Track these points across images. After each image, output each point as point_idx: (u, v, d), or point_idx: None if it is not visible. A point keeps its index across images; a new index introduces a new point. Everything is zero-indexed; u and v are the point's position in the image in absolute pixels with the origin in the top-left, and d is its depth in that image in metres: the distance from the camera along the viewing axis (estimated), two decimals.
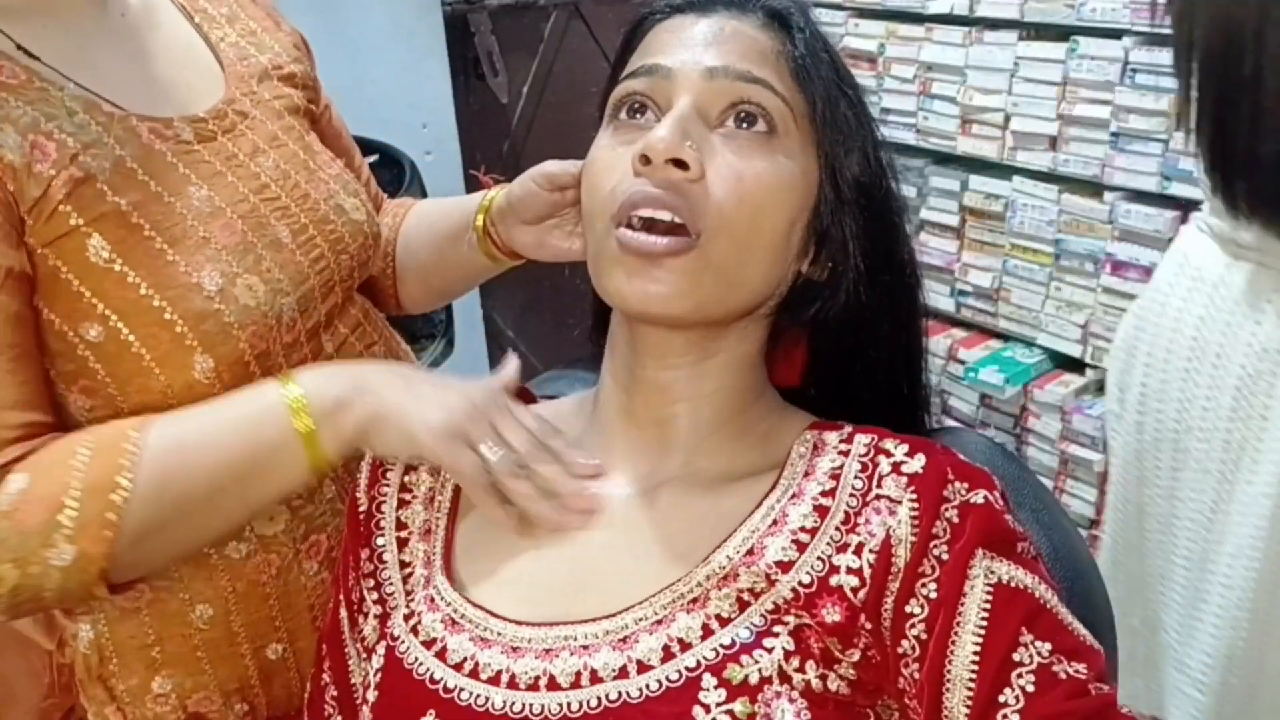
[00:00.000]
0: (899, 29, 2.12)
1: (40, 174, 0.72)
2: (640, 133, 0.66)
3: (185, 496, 0.71)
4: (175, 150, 0.79)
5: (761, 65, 0.66)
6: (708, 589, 0.63)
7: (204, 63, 0.88)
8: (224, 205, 0.80)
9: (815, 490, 0.66)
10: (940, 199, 2.14)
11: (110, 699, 0.84)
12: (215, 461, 0.72)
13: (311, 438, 0.72)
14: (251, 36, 0.93)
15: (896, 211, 0.72)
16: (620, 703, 0.60)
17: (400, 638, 0.68)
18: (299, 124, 0.91)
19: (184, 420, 0.73)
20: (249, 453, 0.72)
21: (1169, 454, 1.08)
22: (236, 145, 0.83)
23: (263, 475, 0.73)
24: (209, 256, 0.77)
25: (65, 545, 0.67)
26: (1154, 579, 1.15)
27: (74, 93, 0.76)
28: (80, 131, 0.74)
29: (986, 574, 0.61)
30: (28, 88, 0.74)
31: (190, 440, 0.72)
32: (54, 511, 0.67)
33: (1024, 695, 0.57)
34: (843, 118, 0.68)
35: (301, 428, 0.71)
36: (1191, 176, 1.72)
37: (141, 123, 0.78)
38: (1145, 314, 1.14)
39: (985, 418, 2.13)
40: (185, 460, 0.71)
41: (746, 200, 0.64)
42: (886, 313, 0.73)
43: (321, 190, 0.87)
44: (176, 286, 0.75)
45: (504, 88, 2.51)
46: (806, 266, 0.70)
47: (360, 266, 0.91)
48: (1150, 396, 1.11)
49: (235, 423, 0.73)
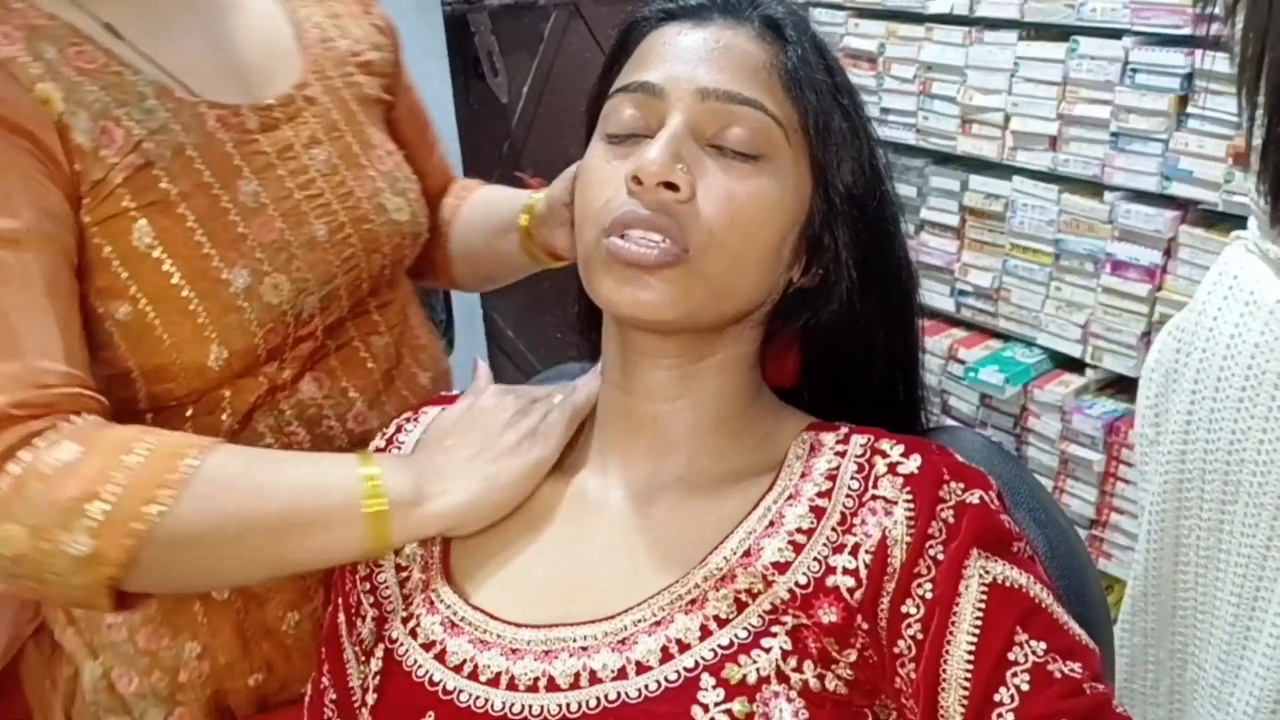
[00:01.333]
0: (899, 29, 2.12)
1: (104, 159, 0.75)
2: (633, 147, 0.66)
3: (221, 534, 0.68)
4: (236, 140, 0.82)
5: (754, 82, 0.66)
6: (705, 590, 0.63)
7: (284, 43, 0.90)
8: (268, 201, 0.82)
9: (812, 491, 0.66)
10: (940, 199, 2.14)
11: (70, 621, 0.87)
12: (265, 509, 0.69)
13: (380, 519, 0.69)
14: (336, 20, 0.95)
15: (891, 218, 0.72)
16: (619, 703, 0.61)
17: (399, 640, 0.68)
18: (365, 114, 0.93)
19: (250, 458, 0.72)
20: (303, 511, 0.70)
21: (1218, 486, 1.04)
22: (296, 134, 0.86)
23: (308, 540, 0.70)
24: (243, 253, 0.79)
25: (85, 537, 0.64)
26: (1189, 612, 1.12)
27: (150, 77, 0.78)
28: (148, 117, 0.77)
29: (981, 574, 0.61)
30: (104, 72, 0.76)
31: (248, 480, 0.70)
32: (88, 497, 0.65)
33: (1019, 694, 0.58)
34: (836, 129, 0.68)
35: (371, 509, 0.69)
36: (1192, 176, 1.72)
37: (210, 110, 0.81)
38: (1189, 337, 1.08)
39: (985, 418, 2.13)
40: (236, 498, 0.69)
41: (737, 219, 0.64)
42: (881, 317, 0.73)
43: (367, 187, 0.89)
44: (207, 280, 0.78)
45: (504, 88, 2.51)
46: (799, 275, 0.70)
47: (394, 264, 0.92)
48: (1197, 425, 1.06)
49: (300, 480, 0.71)
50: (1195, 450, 1.07)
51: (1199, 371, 1.06)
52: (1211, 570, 1.08)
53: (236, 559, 0.71)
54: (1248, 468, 1.01)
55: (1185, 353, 1.08)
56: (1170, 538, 1.12)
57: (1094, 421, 1.91)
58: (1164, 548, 1.14)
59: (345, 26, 0.95)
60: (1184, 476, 1.09)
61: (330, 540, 0.70)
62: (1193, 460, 1.07)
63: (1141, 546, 1.18)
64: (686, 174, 0.64)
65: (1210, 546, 1.07)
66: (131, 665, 0.86)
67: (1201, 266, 1.74)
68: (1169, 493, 1.11)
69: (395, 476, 0.71)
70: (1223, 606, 1.06)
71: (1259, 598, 1.02)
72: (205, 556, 0.69)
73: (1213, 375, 1.04)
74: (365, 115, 0.92)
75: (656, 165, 0.63)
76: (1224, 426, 1.02)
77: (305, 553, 0.71)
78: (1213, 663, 1.09)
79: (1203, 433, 1.05)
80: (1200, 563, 1.09)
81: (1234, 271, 1.04)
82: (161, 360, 0.78)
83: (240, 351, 0.80)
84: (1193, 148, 1.72)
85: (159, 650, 0.86)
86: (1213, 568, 1.07)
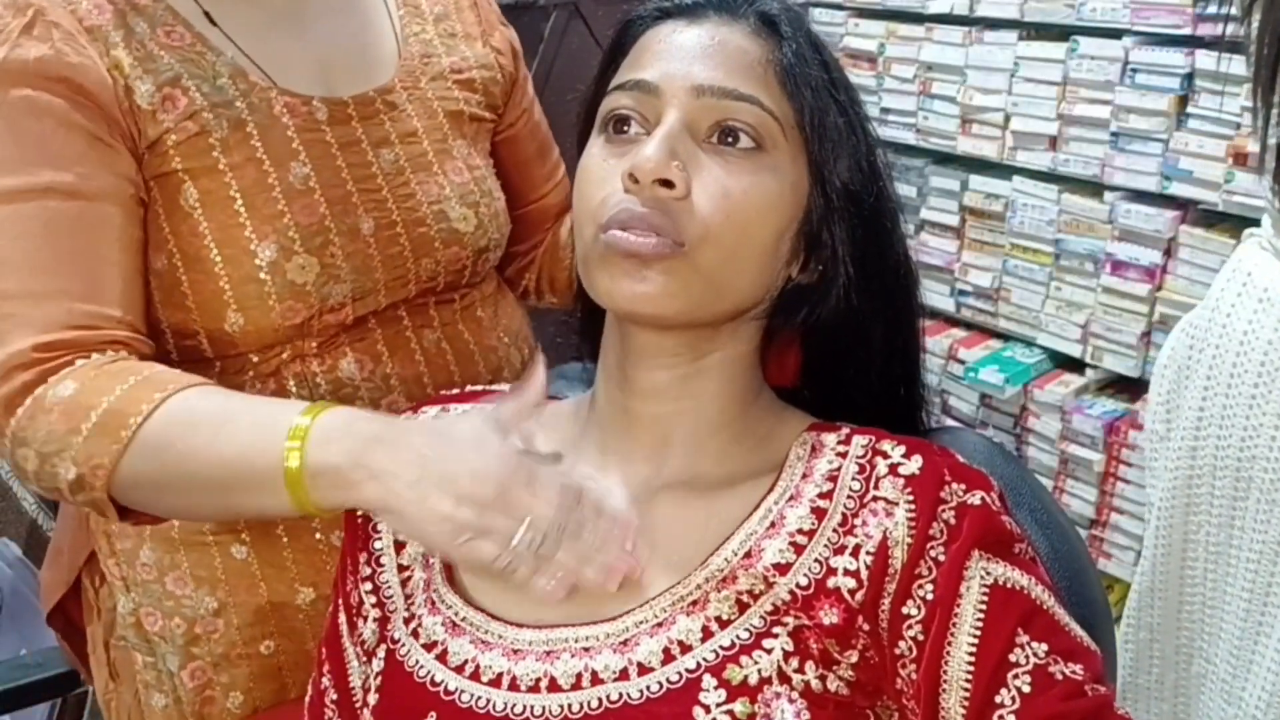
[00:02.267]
0: (899, 29, 2.12)
1: (161, 121, 0.80)
2: (630, 145, 0.66)
3: (174, 472, 0.72)
4: (300, 125, 0.85)
5: (749, 79, 0.66)
6: (707, 591, 0.63)
7: (384, 51, 0.93)
8: (316, 186, 0.85)
9: (813, 492, 0.66)
10: (940, 199, 2.14)
11: (111, 553, 0.92)
12: (206, 456, 0.71)
13: (296, 480, 0.67)
14: (450, 39, 0.97)
15: (889, 215, 0.72)
16: (621, 703, 0.61)
17: (401, 640, 0.69)
18: (453, 127, 0.94)
19: (210, 400, 0.74)
20: (235, 464, 0.70)
21: (1229, 482, 1.04)
22: (366, 132, 0.89)
23: (242, 492, 0.71)
24: (277, 229, 0.83)
25: (70, 465, 0.72)
26: (1196, 608, 1.12)
27: (230, 60, 0.84)
28: (216, 93, 0.82)
29: (983, 575, 0.61)
30: (188, 50, 0.83)
31: (200, 421, 0.72)
32: (73, 431, 0.71)
33: (1020, 696, 0.58)
34: (832, 126, 0.68)
35: (290, 464, 0.67)
36: (1192, 176, 1.72)
37: (280, 96, 0.85)
38: (1202, 334, 1.08)
39: (985, 418, 2.13)
40: (185, 439, 0.72)
41: (733, 215, 0.64)
42: (880, 315, 0.73)
43: (432, 193, 0.91)
44: (234, 247, 0.82)
45: None
46: (797, 271, 0.70)
47: (450, 274, 0.93)
48: (1209, 421, 1.05)
49: (242, 429, 0.71)
50: (1206, 446, 1.06)
51: (1211, 368, 1.06)
52: (1222, 566, 1.08)
53: (188, 504, 0.76)
54: (1259, 464, 1.01)
55: (1198, 349, 1.08)
56: (1179, 534, 1.12)
57: (1094, 421, 1.91)
58: (1172, 543, 1.14)
59: (456, 46, 0.98)
60: (1194, 472, 1.09)
61: (260, 493, 0.70)
62: (1204, 456, 1.07)
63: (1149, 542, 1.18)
64: (682, 171, 0.64)
65: (1220, 543, 1.07)
66: (158, 606, 0.91)
67: (1201, 266, 1.74)
68: (1178, 489, 1.11)
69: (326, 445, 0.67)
70: (1233, 602, 1.06)
71: (1271, 593, 1.02)
72: (163, 496, 0.75)
73: (1225, 372, 1.04)
74: (454, 128, 0.94)
75: (652, 163, 0.63)
76: (1236, 423, 1.03)
77: (245, 501, 0.72)
78: (1223, 657, 1.09)
79: (1214, 429, 1.05)
80: (1210, 559, 1.09)
81: (1248, 268, 1.04)
82: (184, 316, 0.83)
83: (256, 322, 0.83)
84: (1193, 148, 1.72)
85: (182, 597, 0.90)
86: (1223, 564, 1.07)
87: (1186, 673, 1.15)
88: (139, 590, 0.91)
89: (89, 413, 0.71)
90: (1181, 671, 1.16)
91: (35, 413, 0.73)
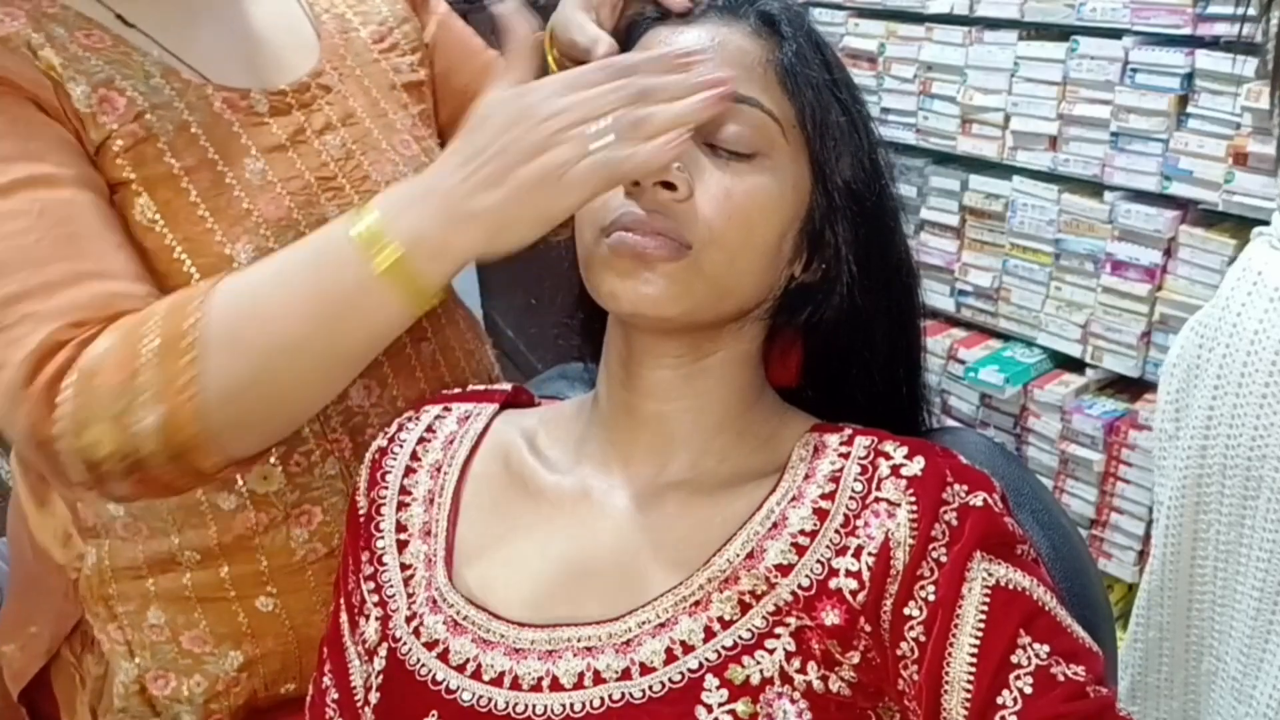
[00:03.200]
0: (899, 29, 2.12)
1: (103, 125, 0.75)
2: None
3: (264, 350, 0.65)
4: (243, 121, 0.81)
5: (750, 80, 0.66)
6: (709, 592, 0.63)
7: (302, 35, 0.90)
8: (275, 180, 0.81)
9: (815, 493, 0.66)
10: (940, 199, 2.14)
11: (111, 617, 0.87)
12: (288, 309, 0.65)
13: (398, 269, 0.61)
14: (361, 4, 0.94)
15: (891, 214, 0.72)
16: (623, 703, 0.61)
17: (402, 639, 0.69)
18: (390, 100, 0.91)
19: (253, 271, 0.68)
20: (326, 304, 0.64)
21: (1239, 481, 1.05)
22: (309, 120, 0.85)
23: (353, 325, 0.65)
24: (247, 229, 0.78)
25: (150, 405, 0.64)
26: (1206, 606, 1.12)
27: (157, 59, 0.79)
28: (152, 93, 0.77)
29: (985, 576, 0.61)
30: (112, 50, 0.78)
31: (259, 290, 0.66)
32: (131, 373, 0.64)
33: (1022, 697, 0.58)
34: (834, 125, 0.68)
35: (381, 265, 0.61)
36: (1192, 176, 1.72)
37: (217, 92, 0.81)
38: (1212, 333, 1.08)
39: (985, 417, 2.13)
40: (256, 310, 0.66)
41: (735, 216, 0.64)
42: (882, 314, 0.73)
43: (386, 171, 0.88)
44: (209, 255, 0.77)
45: None
46: (799, 271, 0.70)
47: None
48: (1219, 421, 1.06)
49: (305, 268, 0.66)
50: (1216, 446, 1.07)
51: (1221, 367, 1.06)
52: (1232, 565, 1.08)
53: (294, 369, 0.67)
54: (1270, 463, 1.01)
55: (1208, 348, 1.08)
56: (1188, 532, 1.12)
57: (1094, 421, 1.92)
58: (1181, 542, 1.14)
59: (368, 9, 0.94)
60: (1204, 472, 1.09)
61: (370, 316, 0.64)
62: (1214, 456, 1.07)
63: (1158, 541, 1.18)
64: (683, 173, 0.64)
65: (1231, 541, 1.07)
66: (171, 667, 0.86)
67: (1202, 266, 1.74)
68: (1188, 488, 1.11)
69: (398, 218, 0.62)
70: (1244, 600, 1.07)
71: None
72: (265, 380, 0.66)
73: (1236, 371, 1.04)
74: (390, 102, 0.91)
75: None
76: (1246, 422, 1.03)
77: (359, 340, 0.66)
78: (1234, 655, 1.09)
79: (1225, 428, 1.05)
80: (1220, 557, 1.09)
81: (1258, 267, 1.05)
82: None
83: None
84: (1193, 148, 1.72)
85: (202, 654, 0.86)
86: (1233, 562, 1.07)
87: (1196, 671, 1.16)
88: (146, 654, 0.86)
89: (138, 349, 0.64)
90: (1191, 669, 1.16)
91: (84, 385, 0.65)
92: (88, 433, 0.65)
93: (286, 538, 0.84)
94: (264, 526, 0.84)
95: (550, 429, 0.77)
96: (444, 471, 0.76)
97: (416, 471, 0.77)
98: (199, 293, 0.66)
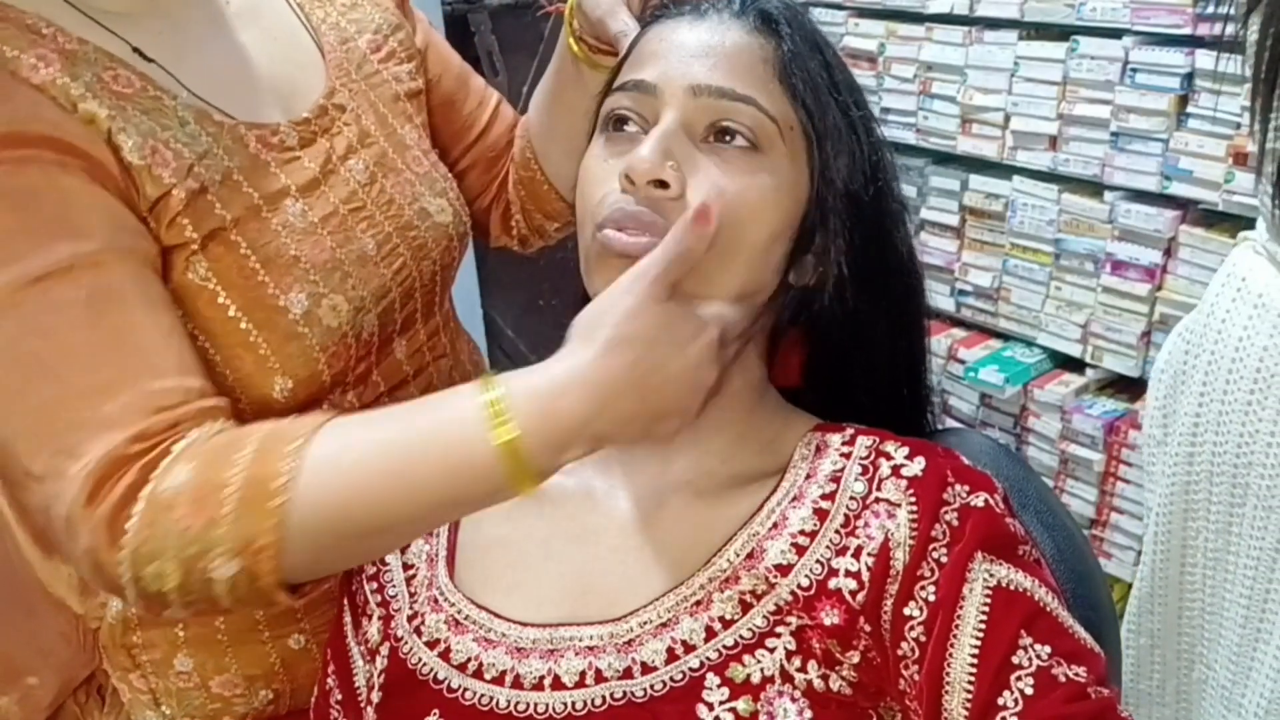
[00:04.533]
0: (899, 29, 2.12)
1: (161, 178, 0.70)
2: (627, 144, 0.66)
3: (351, 517, 0.61)
4: (278, 160, 0.78)
5: (748, 79, 0.66)
6: (710, 592, 0.64)
7: (305, 52, 0.87)
8: (316, 221, 0.78)
9: (816, 493, 0.66)
10: (940, 199, 2.14)
11: (134, 666, 0.85)
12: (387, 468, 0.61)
13: (512, 449, 0.58)
14: (353, 11, 0.92)
15: (891, 214, 0.72)
16: (625, 701, 0.61)
17: (404, 638, 0.69)
18: (396, 114, 0.90)
19: (354, 427, 0.63)
20: (429, 457, 0.61)
21: (1226, 489, 1.04)
22: (333, 145, 0.83)
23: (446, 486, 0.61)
24: (297, 277, 0.76)
25: (226, 559, 0.60)
26: (1196, 614, 1.12)
27: (186, 101, 0.74)
28: (193, 142, 0.73)
29: (985, 577, 0.61)
30: (142, 95, 0.72)
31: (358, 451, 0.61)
32: (211, 523, 0.59)
33: (1022, 698, 0.58)
34: (832, 126, 0.68)
35: (500, 439, 0.58)
36: (1192, 176, 1.72)
37: (249, 131, 0.77)
38: (1197, 339, 1.08)
39: (985, 417, 2.13)
40: (351, 476, 0.61)
41: (727, 215, 0.64)
42: (882, 316, 0.73)
43: (406, 194, 0.86)
44: (264, 309, 0.74)
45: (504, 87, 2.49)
46: (798, 273, 0.70)
47: (444, 270, 0.90)
48: (1205, 428, 1.05)
49: (416, 422, 0.62)
50: (1203, 452, 1.06)
51: (1207, 373, 1.05)
52: (1220, 572, 1.07)
53: (380, 526, 0.62)
54: (1256, 470, 1.00)
55: (1194, 354, 1.08)
56: (1177, 540, 1.12)
57: (1094, 421, 1.91)
58: (1170, 550, 1.13)
59: (363, 16, 0.92)
60: (1191, 479, 1.08)
61: (469, 481, 0.60)
62: (1200, 462, 1.07)
63: (1148, 548, 1.18)
64: (677, 171, 0.64)
65: (1218, 549, 1.07)
66: (199, 713, 0.85)
67: (1202, 266, 1.74)
68: (1176, 495, 1.11)
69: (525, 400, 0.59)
70: (1232, 608, 1.06)
71: (1269, 600, 1.02)
72: (347, 535, 0.62)
73: (1221, 377, 1.03)
74: (397, 115, 0.90)
75: (647, 163, 0.63)
76: (1232, 429, 1.02)
77: (456, 499, 0.62)
78: (1223, 664, 1.08)
79: (1211, 435, 1.05)
80: (1208, 565, 1.09)
81: (1242, 273, 1.04)
82: (224, 395, 0.71)
83: (305, 380, 0.76)
84: (1193, 147, 1.72)
85: (233, 698, 0.85)
86: (1221, 570, 1.07)
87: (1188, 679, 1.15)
88: (173, 701, 0.85)
89: (221, 492, 0.59)
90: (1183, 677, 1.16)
91: (155, 517, 0.60)
92: (153, 566, 0.61)
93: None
94: None
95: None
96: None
97: None
98: (294, 439, 0.61)
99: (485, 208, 1.03)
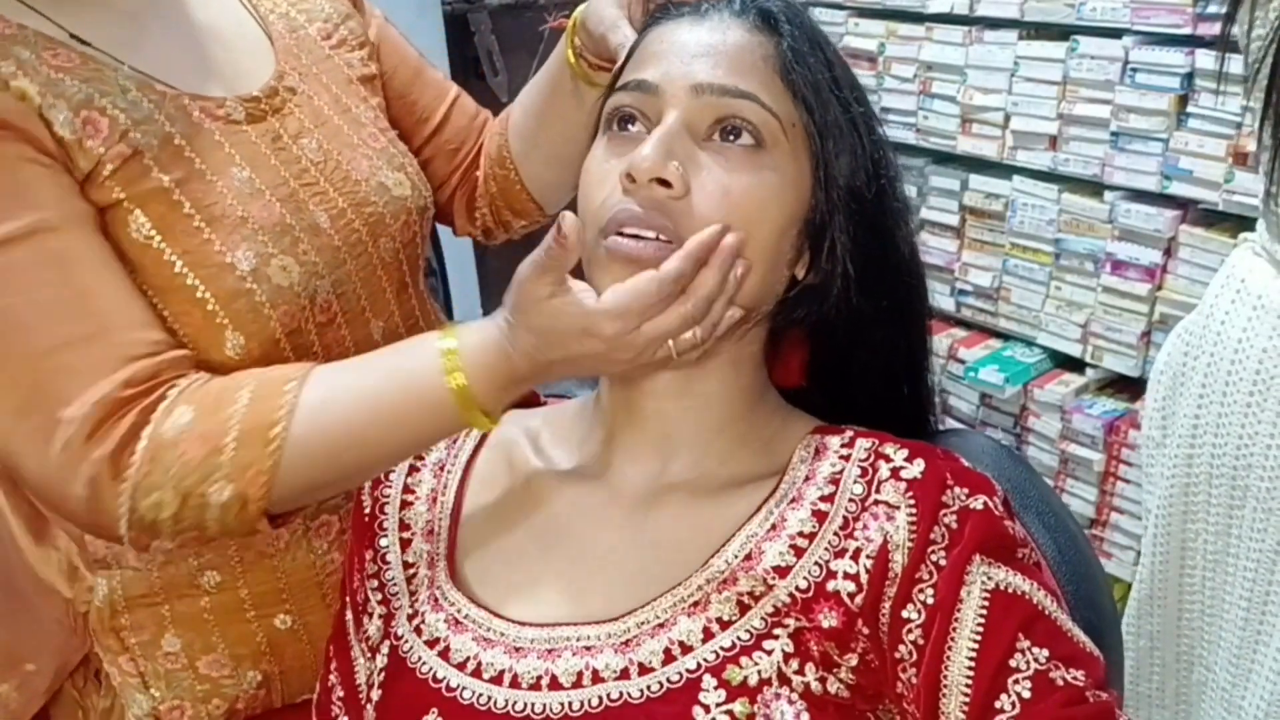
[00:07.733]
0: (899, 29, 2.12)
1: (90, 150, 0.73)
2: (630, 145, 0.66)
3: (338, 446, 0.70)
4: (224, 130, 0.80)
5: (750, 77, 0.66)
6: (708, 593, 0.64)
7: (253, 39, 0.88)
8: (264, 188, 0.80)
9: (815, 495, 0.66)
10: (940, 199, 2.14)
11: (123, 649, 0.86)
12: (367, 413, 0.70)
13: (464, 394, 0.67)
14: (302, 1, 0.94)
15: (893, 213, 0.72)
16: (621, 702, 0.61)
17: (404, 637, 0.69)
18: (350, 95, 0.91)
19: (341, 372, 0.72)
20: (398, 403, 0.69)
21: (1225, 490, 1.04)
22: (283, 125, 0.84)
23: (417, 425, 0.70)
24: (245, 236, 0.78)
25: (224, 484, 0.68)
26: (1195, 615, 1.12)
27: (128, 73, 0.77)
28: (133, 108, 0.76)
29: (984, 580, 0.61)
30: (83, 68, 0.75)
31: (344, 395, 0.71)
32: (214, 451, 0.68)
33: (1020, 701, 0.58)
34: (834, 123, 0.68)
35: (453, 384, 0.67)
36: (1192, 176, 1.72)
37: (194, 101, 0.79)
38: (1197, 340, 1.08)
39: (985, 417, 2.14)
40: (338, 413, 0.70)
41: (731, 214, 0.64)
42: (884, 315, 0.72)
43: (363, 169, 0.87)
44: (210, 265, 0.76)
45: (504, 87, 2.50)
46: (801, 271, 0.70)
47: (405, 247, 0.91)
48: (1204, 430, 1.05)
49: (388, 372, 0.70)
50: (1202, 454, 1.06)
51: (1206, 375, 1.05)
52: (1220, 574, 1.07)
53: (360, 462, 0.72)
54: (1255, 472, 1.00)
55: (1193, 356, 1.08)
56: (1176, 541, 1.12)
57: (1094, 421, 1.92)
58: (1170, 551, 1.13)
59: (310, 7, 0.94)
60: (1191, 480, 1.08)
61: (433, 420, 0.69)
62: (1200, 464, 1.06)
63: (1147, 550, 1.18)
64: (680, 170, 0.64)
65: (1218, 550, 1.07)
66: (188, 696, 0.86)
67: (1201, 266, 1.74)
68: (1175, 496, 1.11)
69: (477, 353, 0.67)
70: (1232, 610, 1.06)
71: (1269, 601, 1.02)
72: (332, 467, 0.71)
73: (1220, 378, 1.03)
74: (351, 97, 0.91)
75: (649, 163, 0.63)
76: (1231, 430, 1.02)
77: (421, 436, 0.71)
78: (1223, 665, 1.08)
79: (1210, 436, 1.05)
80: (1208, 566, 1.08)
81: (1241, 274, 1.04)
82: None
83: (257, 336, 0.78)
84: (1193, 147, 1.72)
85: (220, 679, 0.86)
86: (1221, 571, 1.07)
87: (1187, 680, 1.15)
88: (162, 684, 0.86)
89: (225, 425, 0.68)
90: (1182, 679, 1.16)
91: (157, 453, 0.67)
92: (153, 496, 0.68)
93: (307, 550, 0.86)
94: (284, 543, 0.85)
95: (553, 428, 0.77)
96: (447, 470, 0.76)
97: (420, 470, 0.77)
98: (288, 380, 0.70)
99: (448, 198, 1.05)
